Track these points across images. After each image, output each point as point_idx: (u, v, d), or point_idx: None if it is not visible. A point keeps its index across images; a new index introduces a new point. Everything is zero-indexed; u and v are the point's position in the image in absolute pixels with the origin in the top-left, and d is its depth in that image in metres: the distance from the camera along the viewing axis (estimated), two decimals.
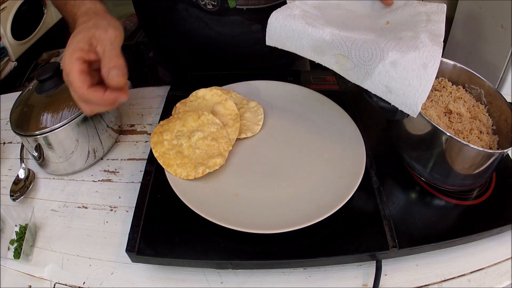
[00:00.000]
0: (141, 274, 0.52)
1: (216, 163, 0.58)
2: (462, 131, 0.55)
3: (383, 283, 0.50)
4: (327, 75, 0.80)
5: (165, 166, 0.58)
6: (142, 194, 0.57)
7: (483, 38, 1.62)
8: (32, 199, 0.63)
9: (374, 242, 0.50)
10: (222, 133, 0.62)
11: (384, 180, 0.58)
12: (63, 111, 0.61)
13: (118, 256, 0.54)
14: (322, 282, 0.51)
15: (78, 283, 0.52)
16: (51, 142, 0.61)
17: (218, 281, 0.51)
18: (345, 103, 0.72)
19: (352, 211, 0.53)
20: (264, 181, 0.58)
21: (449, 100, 0.59)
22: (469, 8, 1.73)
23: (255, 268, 0.52)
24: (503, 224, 0.53)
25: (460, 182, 0.55)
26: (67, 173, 0.67)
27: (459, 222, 0.54)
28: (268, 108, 0.70)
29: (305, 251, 0.50)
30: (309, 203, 0.54)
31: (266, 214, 0.52)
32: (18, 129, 0.60)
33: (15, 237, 0.56)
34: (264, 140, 0.65)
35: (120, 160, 0.69)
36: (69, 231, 0.58)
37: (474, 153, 0.50)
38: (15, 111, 0.63)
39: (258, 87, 0.74)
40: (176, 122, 0.64)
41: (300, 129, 0.67)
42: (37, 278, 0.53)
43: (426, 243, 0.51)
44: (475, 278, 0.51)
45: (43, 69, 0.63)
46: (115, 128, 0.72)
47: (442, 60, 0.63)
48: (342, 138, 0.64)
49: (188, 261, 0.50)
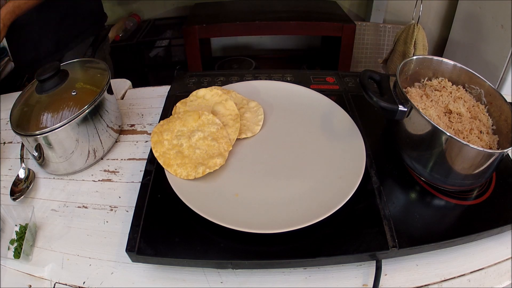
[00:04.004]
0: (141, 274, 0.52)
1: (216, 163, 0.58)
2: (462, 131, 0.55)
3: (383, 283, 0.50)
4: (327, 75, 0.80)
5: (165, 166, 0.58)
6: (142, 194, 0.57)
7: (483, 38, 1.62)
8: (32, 199, 0.63)
9: (374, 242, 0.50)
10: (222, 133, 0.62)
11: (384, 180, 0.58)
12: (63, 111, 0.61)
13: (118, 256, 0.54)
14: (322, 282, 0.51)
15: (78, 283, 0.52)
16: (51, 142, 0.61)
17: (218, 281, 0.51)
18: (345, 103, 0.72)
19: (352, 211, 0.53)
20: (264, 181, 0.58)
21: (449, 100, 0.59)
22: (469, 8, 1.73)
23: (255, 268, 0.52)
24: (503, 224, 0.53)
25: (460, 182, 0.55)
26: (67, 173, 0.67)
27: (459, 222, 0.54)
28: (268, 108, 0.70)
29: (305, 251, 0.50)
30: (309, 203, 0.54)
31: (266, 214, 0.52)
32: (18, 129, 0.60)
33: (15, 236, 0.56)
34: (264, 140, 0.65)
35: (120, 160, 0.69)
36: (69, 231, 0.58)
37: (474, 153, 0.50)
38: (15, 111, 0.63)
39: (258, 87, 0.75)
40: (176, 122, 0.64)
41: (300, 129, 0.67)
42: (37, 277, 0.53)
43: (426, 243, 0.51)
44: (475, 278, 0.51)
45: (43, 69, 0.63)
46: (115, 128, 0.72)
47: (442, 60, 0.63)
48: (342, 138, 0.64)
49: (188, 261, 0.50)
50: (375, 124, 0.68)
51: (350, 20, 1.83)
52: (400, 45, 1.62)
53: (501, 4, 1.48)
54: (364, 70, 0.60)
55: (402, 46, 1.61)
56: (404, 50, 1.60)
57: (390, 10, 2.03)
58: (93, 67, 0.71)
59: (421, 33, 1.55)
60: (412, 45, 1.57)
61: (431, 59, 0.64)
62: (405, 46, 1.59)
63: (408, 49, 1.58)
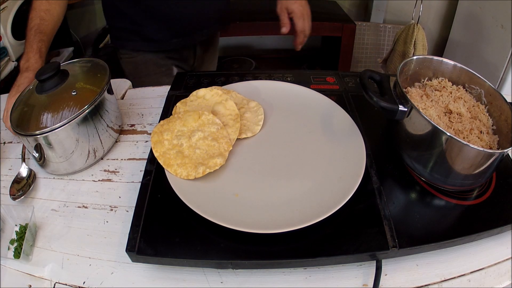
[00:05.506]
0: (141, 274, 0.52)
1: (217, 163, 0.58)
2: (462, 131, 0.55)
3: (383, 283, 0.50)
4: (327, 75, 0.80)
5: (165, 166, 0.58)
6: (142, 194, 0.57)
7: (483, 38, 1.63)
8: (32, 199, 0.63)
9: (374, 242, 0.50)
10: (223, 133, 0.62)
11: (384, 180, 0.58)
12: (63, 111, 0.61)
13: (118, 255, 0.54)
14: (322, 282, 0.51)
15: (78, 283, 0.52)
16: (51, 142, 0.61)
17: (218, 281, 0.51)
18: (345, 103, 0.72)
19: (352, 211, 0.53)
20: (264, 181, 0.58)
21: (449, 100, 0.59)
22: (469, 8, 1.73)
23: (255, 268, 0.52)
24: (503, 224, 0.53)
25: (460, 182, 0.55)
26: (67, 173, 0.67)
27: (459, 222, 0.54)
28: (268, 108, 0.70)
29: (305, 251, 0.50)
30: (309, 203, 0.54)
31: (266, 214, 0.52)
32: (18, 129, 0.60)
33: (15, 236, 0.56)
34: (264, 140, 0.65)
35: (120, 160, 0.69)
36: (69, 230, 0.58)
37: (474, 153, 0.50)
38: (15, 111, 0.63)
39: (258, 87, 0.75)
40: (176, 122, 0.64)
41: (300, 129, 0.67)
42: (37, 277, 0.53)
43: (426, 243, 0.51)
44: (475, 278, 0.51)
45: (43, 69, 0.63)
46: (115, 128, 0.72)
47: (442, 60, 0.63)
48: (342, 138, 0.64)
49: (188, 261, 0.50)
50: (375, 124, 0.68)
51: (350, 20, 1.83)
52: (400, 45, 1.62)
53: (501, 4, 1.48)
54: (364, 70, 0.60)
55: (402, 46, 1.61)
56: (404, 50, 1.60)
57: (390, 10, 2.04)
58: (93, 67, 0.71)
59: (421, 33, 1.56)
60: (412, 45, 1.57)
61: (431, 59, 0.64)
62: (405, 46, 1.59)
63: (408, 49, 1.58)
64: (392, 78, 0.60)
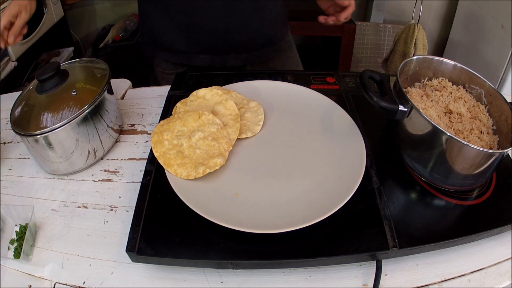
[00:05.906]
0: (141, 274, 0.52)
1: (217, 163, 0.58)
2: (462, 131, 0.55)
3: (383, 283, 0.50)
4: (327, 75, 0.80)
5: (165, 166, 0.58)
6: (142, 194, 0.57)
7: (483, 38, 1.63)
8: (32, 199, 0.63)
9: (374, 242, 0.50)
10: (223, 133, 0.62)
11: (384, 180, 0.58)
12: (63, 111, 0.61)
13: (118, 256, 0.54)
14: (322, 282, 0.51)
15: (78, 283, 0.52)
16: (51, 142, 0.61)
17: (219, 281, 0.51)
18: (345, 103, 0.72)
19: (352, 211, 0.53)
20: (264, 181, 0.58)
21: (449, 100, 0.59)
22: (469, 8, 1.73)
23: (256, 268, 0.52)
24: (503, 224, 0.53)
25: (460, 182, 0.55)
26: (67, 173, 0.67)
27: (459, 222, 0.54)
28: (268, 108, 0.70)
29: (305, 251, 0.50)
30: (309, 203, 0.54)
31: (266, 214, 0.52)
32: (18, 129, 0.60)
33: (15, 236, 0.56)
34: (264, 140, 0.65)
35: (120, 160, 0.69)
36: (69, 231, 0.58)
37: (474, 153, 0.50)
38: (15, 111, 0.63)
39: (258, 87, 0.75)
40: (176, 122, 0.64)
41: (300, 129, 0.67)
42: (37, 277, 0.53)
43: (426, 243, 0.51)
44: (475, 278, 0.51)
45: (43, 69, 0.63)
46: (115, 128, 0.72)
47: (443, 60, 0.63)
48: (342, 138, 0.64)
49: (188, 261, 0.50)
50: (375, 124, 0.68)
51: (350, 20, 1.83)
52: (400, 45, 1.62)
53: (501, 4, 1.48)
54: (364, 70, 0.60)
55: (402, 46, 1.61)
56: (404, 50, 1.60)
57: (390, 10, 2.03)
58: (93, 67, 0.71)
59: (421, 33, 1.56)
60: (412, 45, 1.57)
61: (431, 59, 0.64)
62: (405, 46, 1.59)
63: (408, 49, 1.58)
64: (392, 78, 0.60)
